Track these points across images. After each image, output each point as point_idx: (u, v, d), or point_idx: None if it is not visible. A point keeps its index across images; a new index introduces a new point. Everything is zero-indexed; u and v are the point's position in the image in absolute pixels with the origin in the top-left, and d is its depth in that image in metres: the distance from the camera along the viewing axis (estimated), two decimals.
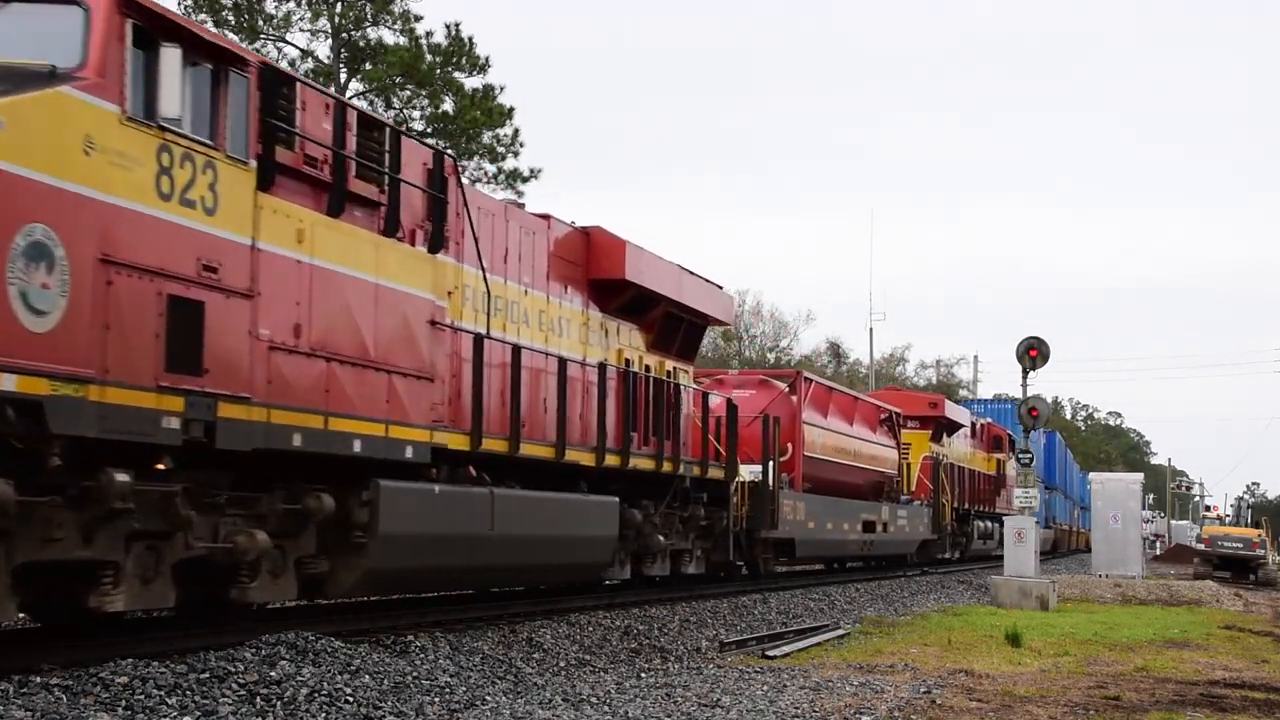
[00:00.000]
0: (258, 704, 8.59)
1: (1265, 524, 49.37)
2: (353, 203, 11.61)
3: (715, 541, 20.26)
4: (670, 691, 10.96)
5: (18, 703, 7.65)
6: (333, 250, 11.03)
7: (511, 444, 14.02)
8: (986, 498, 41.80)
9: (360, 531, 11.48)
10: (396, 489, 11.74)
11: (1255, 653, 16.97)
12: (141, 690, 8.34)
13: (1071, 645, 16.48)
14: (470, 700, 9.86)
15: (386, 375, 11.68)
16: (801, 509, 23.63)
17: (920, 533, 32.65)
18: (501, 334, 14.45)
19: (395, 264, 11.91)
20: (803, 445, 24.81)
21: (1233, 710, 11.08)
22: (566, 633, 13.93)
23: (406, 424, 11.92)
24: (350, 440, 11.12)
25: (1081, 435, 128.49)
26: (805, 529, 23.84)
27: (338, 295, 11.07)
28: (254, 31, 36.96)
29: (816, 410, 26.29)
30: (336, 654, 10.06)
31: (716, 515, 20.13)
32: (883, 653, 14.77)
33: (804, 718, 9.85)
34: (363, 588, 12.02)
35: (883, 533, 29.13)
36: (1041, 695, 11.49)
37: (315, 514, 10.87)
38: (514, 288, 15.04)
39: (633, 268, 16.99)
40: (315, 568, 11.32)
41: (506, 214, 15.15)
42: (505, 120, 38.38)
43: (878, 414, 31.54)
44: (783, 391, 25.04)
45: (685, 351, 19.81)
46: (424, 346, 12.31)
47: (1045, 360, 27.09)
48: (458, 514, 12.78)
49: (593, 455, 15.93)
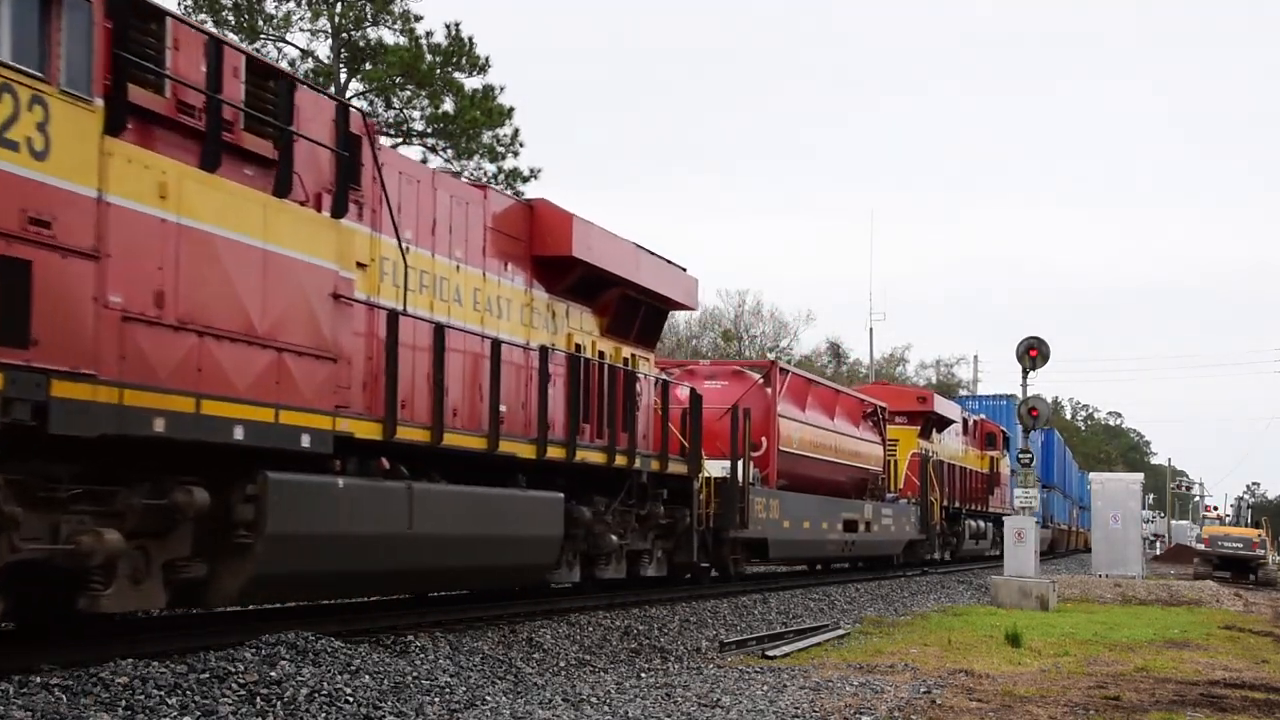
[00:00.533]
0: (258, 704, 8.54)
1: (1265, 524, 49.15)
2: (238, 158, 10.26)
3: (678, 542, 18.84)
4: (670, 691, 10.93)
5: (18, 703, 7.57)
6: (208, 209, 9.63)
7: (434, 433, 12.63)
8: (979, 496, 40.21)
9: (245, 531, 10.09)
10: (288, 482, 10.35)
11: (1255, 653, 16.89)
12: (141, 690, 8.27)
13: (1071, 645, 16.43)
14: (470, 700, 9.83)
15: (277, 353, 10.28)
16: (775, 507, 22.06)
17: (907, 532, 31.07)
18: (428, 313, 13.10)
19: (289, 228, 10.51)
20: (778, 439, 23.24)
21: (1233, 710, 11.03)
22: (566, 633, 13.79)
23: (302, 409, 10.52)
24: (230, 426, 9.72)
25: (1081, 435, 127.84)
26: (779, 528, 22.24)
27: (214, 261, 9.67)
28: (254, 31, 36.70)
29: (793, 403, 24.75)
30: (336, 654, 9.97)
31: (679, 514, 18.71)
32: (883, 653, 14.72)
33: (804, 718, 9.86)
34: (251, 594, 10.60)
35: (866, 532, 27.49)
36: (1041, 695, 11.45)
37: (185, 510, 9.49)
38: (444, 262, 13.67)
39: (580, 244, 15.59)
40: (190, 572, 9.92)
41: (435, 181, 13.76)
42: (505, 120, 38.27)
43: (861, 408, 30.00)
44: (757, 383, 23.51)
45: (645, 337, 18.39)
46: (325, 322, 10.92)
47: (1045, 360, 27.25)
48: (367, 511, 11.39)
49: (533, 447, 14.52)
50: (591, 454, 15.83)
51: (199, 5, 35.61)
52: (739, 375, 23.89)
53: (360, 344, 11.98)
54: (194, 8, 35.36)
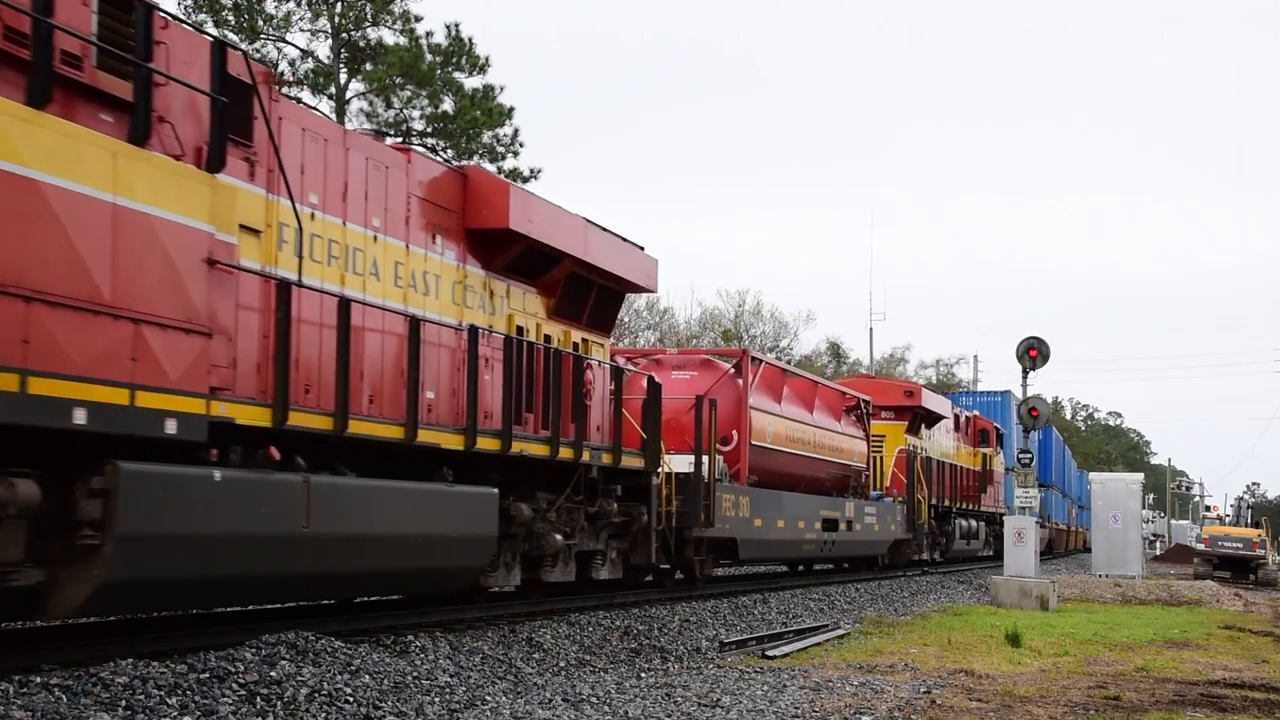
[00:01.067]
0: (258, 704, 8.50)
1: (1265, 524, 49.25)
2: (89, 99, 8.90)
3: (634, 542, 17.32)
4: (670, 691, 10.93)
5: (18, 703, 7.51)
6: (35, 153, 8.18)
7: (338, 421, 11.20)
8: (971, 494, 38.58)
9: (92, 531, 8.67)
10: (146, 474, 8.92)
11: (1255, 653, 16.93)
12: (141, 690, 8.20)
13: (1071, 645, 16.47)
14: (470, 700, 9.82)
15: (133, 325, 8.83)
16: (746, 504, 20.40)
17: (892, 532, 29.37)
18: (338, 286, 11.71)
19: (148, 182, 9.05)
20: (749, 433, 21.52)
21: (1233, 710, 11.03)
22: (566, 633, 13.74)
23: (168, 390, 9.09)
24: (68, 409, 8.29)
25: (1081, 435, 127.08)
26: (750, 527, 20.57)
27: (44, 214, 8.23)
28: (254, 31, 36.45)
29: (767, 394, 23.10)
30: (336, 654, 9.93)
31: (636, 512, 17.17)
32: (883, 653, 14.73)
33: (804, 718, 9.87)
34: (102, 604, 9.18)
35: (847, 531, 25.68)
36: (1041, 695, 11.45)
37: (7, 507, 8.08)
38: (358, 231, 12.26)
39: (519, 216, 14.16)
40: (20, 579, 8.49)
41: (348, 141, 12.31)
42: (505, 120, 38.21)
43: (843, 401, 28.31)
44: (727, 373, 21.85)
45: (598, 322, 16.93)
46: (196, 291, 9.45)
47: (1045, 360, 27.26)
48: (252, 508, 9.94)
49: (461, 438, 13.09)
50: (532, 446, 14.40)
51: (199, 5, 35.10)
52: (708, 365, 22.21)
53: (252, 319, 10.60)
54: (194, 7, 34.90)
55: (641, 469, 17.11)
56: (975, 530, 38.60)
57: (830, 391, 28.23)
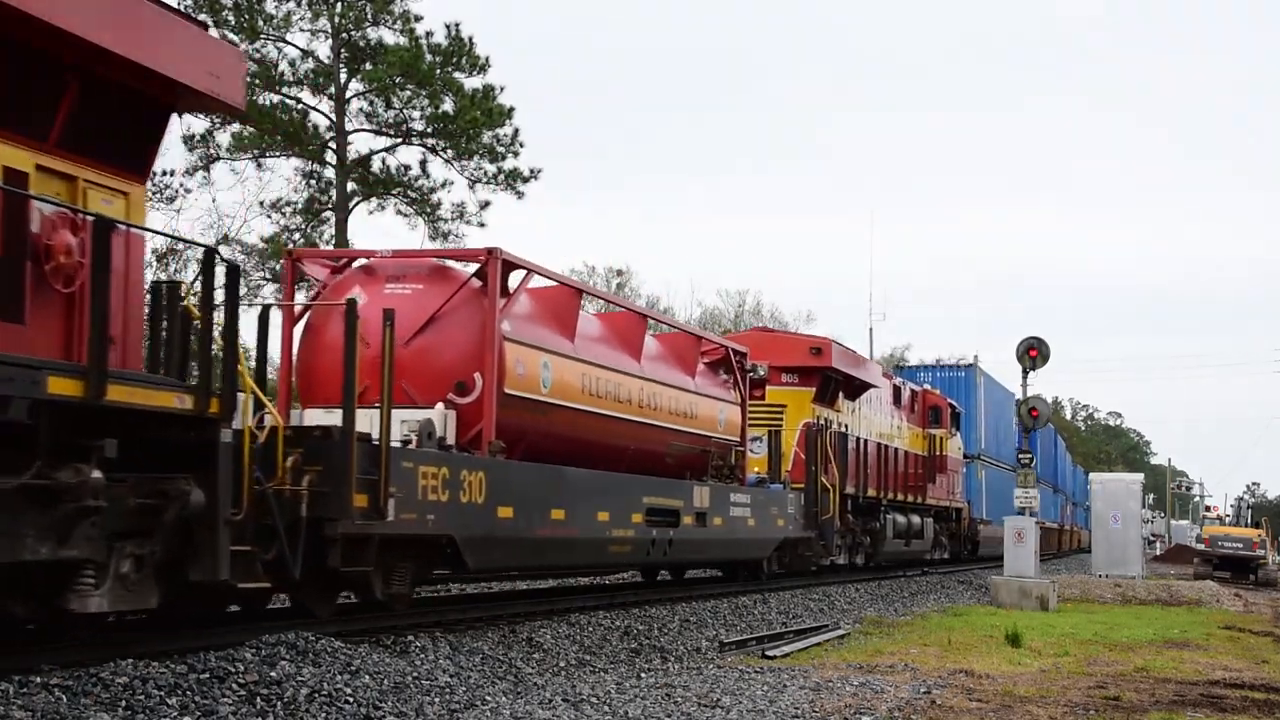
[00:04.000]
0: (258, 704, 8.52)
1: (1265, 524, 49.15)
2: None
3: (183, 545, 9.07)
4: (670, 691, 10.91)
5: (18, 703, 7.52)
6: None
7: None
8: (913, 484, 31.88)
9: None
10: None
11: (1255, 653, 16.93)
12: (141, 690, 8.19)
13: (1071, 645, 16.45)
14: (470, 700, 9.84)
15: None
16: (480, 485, 13.09)
17: (780, 528, 21.67)
18: None
19: None
20: (501, 376, 14.10)
21: (1233, 710, 11.04)
22: (566, 633, 13.68)
23: None
24: None
25: (1081, 435, 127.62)
26: (487, 519, 13.28)
27: None
28: (254, 31, 36.73)
29: (541, 320, 15.49)
30: (336, 654, 9.89)
31: (181, 492, 8.97)
32: (883, 653, 14.70)
33: (804, 718, 9.85)
34: None
35: (696, 527, 18.19)
36: (1041, 695, 11.45)
37: None
38: None
39: None
40: None
41: None
42: (505, 120, 38.24)
43: (697, 348, 20.25)
44: (470, 287, 14.21)
45: (110, 151, 9.18)
46: None
47: (1045, 360, 27.15)
48: None
49: None
50: None
51: (199, 5, 35.35)
52: (440, 274, 14.64)
53: None
54: (194, 7, 35.04)
55: (191, 413, 8.83)
56: (917, 527, 31.99)
57: (681, 337, 20.70)
